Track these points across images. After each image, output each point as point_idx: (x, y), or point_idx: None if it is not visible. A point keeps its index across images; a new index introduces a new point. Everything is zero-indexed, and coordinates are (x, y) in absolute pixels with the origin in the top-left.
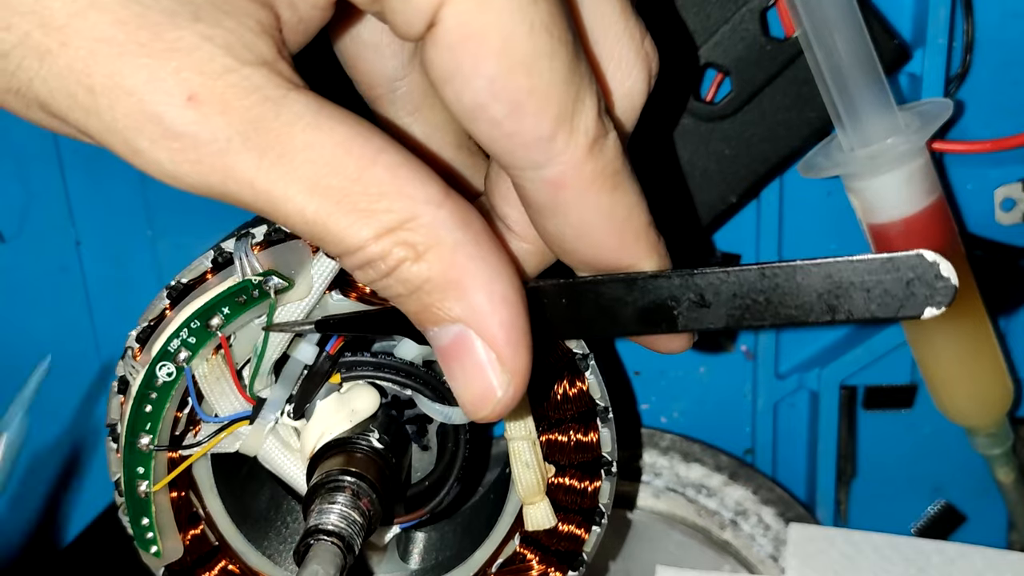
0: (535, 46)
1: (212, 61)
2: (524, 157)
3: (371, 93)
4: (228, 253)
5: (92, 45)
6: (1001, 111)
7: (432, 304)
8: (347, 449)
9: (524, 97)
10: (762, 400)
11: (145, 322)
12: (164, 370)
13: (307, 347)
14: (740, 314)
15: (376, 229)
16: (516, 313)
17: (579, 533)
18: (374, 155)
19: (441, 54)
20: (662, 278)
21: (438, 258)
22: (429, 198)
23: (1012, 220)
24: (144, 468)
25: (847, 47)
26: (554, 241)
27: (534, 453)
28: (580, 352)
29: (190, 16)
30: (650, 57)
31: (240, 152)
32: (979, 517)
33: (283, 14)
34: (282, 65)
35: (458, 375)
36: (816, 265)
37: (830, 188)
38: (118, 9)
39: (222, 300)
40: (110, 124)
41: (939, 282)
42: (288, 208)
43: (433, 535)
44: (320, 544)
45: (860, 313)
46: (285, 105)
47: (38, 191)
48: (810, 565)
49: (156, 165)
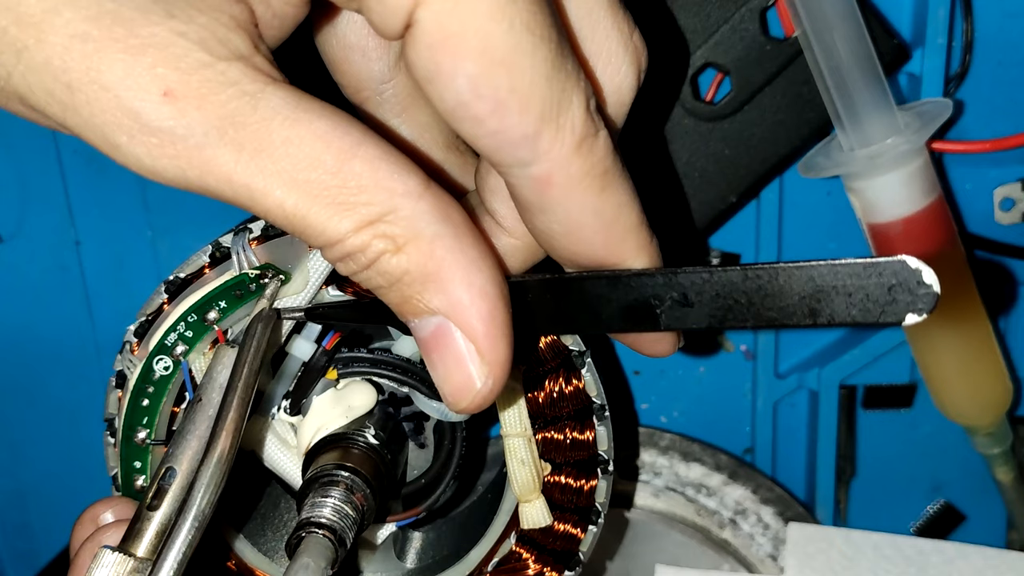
0: (515, 44)
1: (187, 56)
2: (510, 155)
3: (358, 96)
4: (225, 248)
5: (67, 41)
6: (1000, 111)
7: (412, 296)
8: (343, 445)
9: (506, 95)
10: (762, 400)
11: (143, 316)
12: (161, 364)
13: (304, 343)
14: (722, 315)
15: (356, 222)
16: (495, 306)
17: (575, 532)
18: (353, 148)
19: (421, 54)
20: (646, 276)
21: (417, 250)
22: (408, 190)
23: (1011, 220)
24: (141, 462)
25: (847, 47)
26: (542, 238)
27: (530, 450)
28: (576, 349)
29: (163, 13)
30: (639, 51)
31: (217, 146)
32: (978, 516)
33: (257, 9)
34: (259, 59)
35: (438, 366)
36: (798, 268)
37: (830, 188)
38: (91, 5)
39: (219, 294)
40: (88, 120)
41: (921, 288)
42: (268, 202)
43: (429, 534)
44: (312, 537)
45: (841, 318)
46: (263, 99)
47: (38, 191)
48: (809, 564)
49: (135, 160)
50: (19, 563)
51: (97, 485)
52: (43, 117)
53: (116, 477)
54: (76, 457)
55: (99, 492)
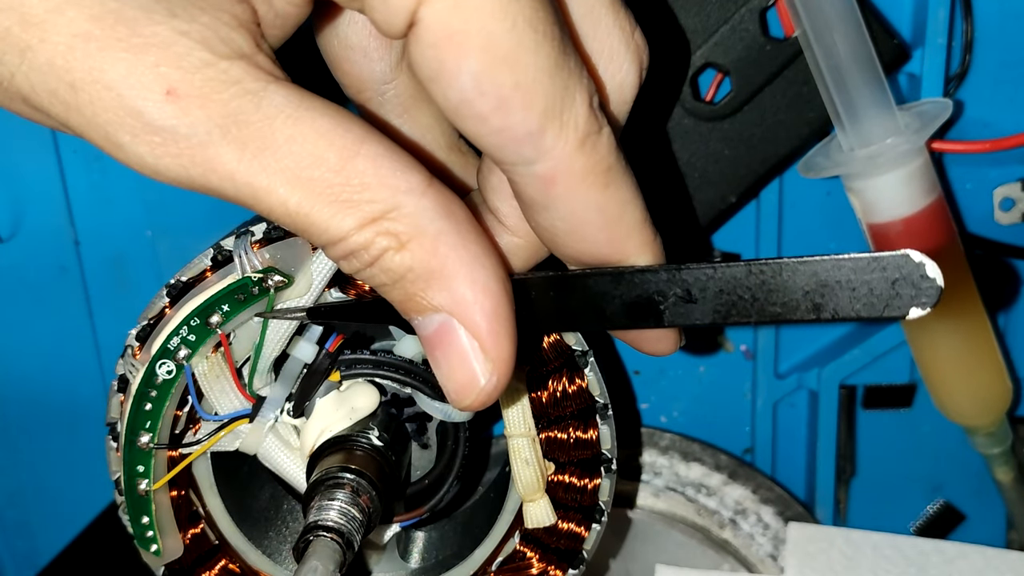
0: (518, 41)
1: (189, 55)
2: (514, 152)
3: (360, 96)
4: (227, 251)
5: (70, 41)
6: (1000, 111)
7: (415, 293)
8: (347, 447)
9: (509, 92)
10: (761, 399)
11: (145, 320)
12: (164, 368)
13: (307, 345)
14: (726, 311)
15: (359, 219)
16: (499, 302)
17: (579, 531)
18: (356, 145)
19: (424, 52)
20: (649, 273)
21: (420, 247)
22: (411, 187)
23: (1011, 220)
24: (144, 466)
25: (847, 47)
26: (546, 236)
27: (533, 450)
28: (579, 349)
29: (165, 12)
30: (641, 49)
31: (220, 145)
32: (978, 516)
33: (259, 9)
34: (261, 58)
35: (442, 363)
36: (802, 263)
37: (830, 188)
38: (94, 5)
39: (222, 297)
40: (91, 119)
41: (925, 282)
42: (271, 200)
43: (433, 534)
44: (319, 540)
45: (845, 312)
46: (265, 97)
47: (38, 191)
48: (809, 564)
49: (138, 159)
50: (19, 563)
51: (97, 484)
52: (45, 117)
53: (119, 481)
54: (76, 457)
55: (99, 492)
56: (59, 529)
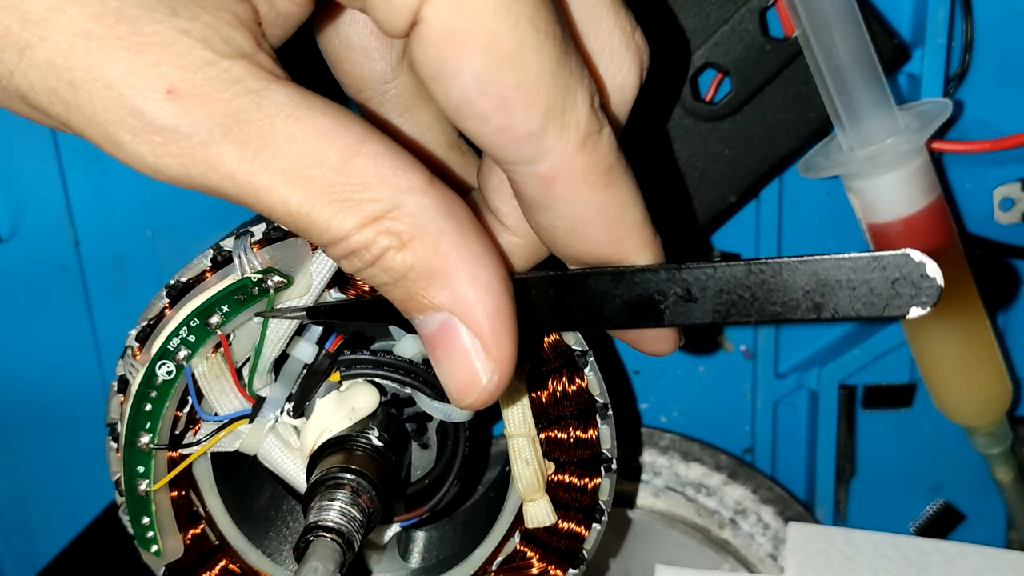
0: (520, 41)
1: (190, 54)
2: (515, 152)
3: (360, 96)
4: (227, 251)
5: (70, 39)
6: (1000, 111)
7: (417, 292)
8: (347, 447)
9: (511, 92)
10: (761, 399)
11: (144, 321)
12: (164, 369)
13: (306, 346)
14: (726, 310)
15: (360, 219)
16: (500, 301)
17: (579, 530)
18: (357, 145)
19: (426, 51)
20: (649, 272)
21: (422, 246)
22: (412, 186)
23: (1011, 220)
24: (144, 467)
25: (847, 47)
26: (546, 235)
27: (534, 450)
28: (579, 349)
29: (167, 11)
30: (641, 49)
31: (221, 144)
32: (978, 516)
33: (261, 8)
34: (262, 57)
35: (444, 362)
36: (802, 262)
37: (830, 188)
38: (94, 4)
39: (221, 298)
40: (91, 118)
41: (925, 282)
42: (272, 199)
43: (433, 534)
44: (320, 540)
45: (845, 312)
46: (266, 97)
47: (38, 191)
48: (809, 564)
49: (138, 158)
50: (19, 563)
51: (97, 484)
52: (45, 116)
53: (119, 482)
54: (76, 457)
55: (99, 491)
56: (59, 529)
